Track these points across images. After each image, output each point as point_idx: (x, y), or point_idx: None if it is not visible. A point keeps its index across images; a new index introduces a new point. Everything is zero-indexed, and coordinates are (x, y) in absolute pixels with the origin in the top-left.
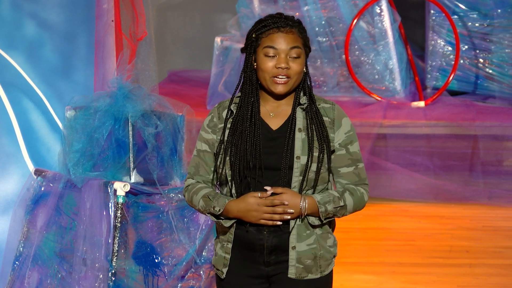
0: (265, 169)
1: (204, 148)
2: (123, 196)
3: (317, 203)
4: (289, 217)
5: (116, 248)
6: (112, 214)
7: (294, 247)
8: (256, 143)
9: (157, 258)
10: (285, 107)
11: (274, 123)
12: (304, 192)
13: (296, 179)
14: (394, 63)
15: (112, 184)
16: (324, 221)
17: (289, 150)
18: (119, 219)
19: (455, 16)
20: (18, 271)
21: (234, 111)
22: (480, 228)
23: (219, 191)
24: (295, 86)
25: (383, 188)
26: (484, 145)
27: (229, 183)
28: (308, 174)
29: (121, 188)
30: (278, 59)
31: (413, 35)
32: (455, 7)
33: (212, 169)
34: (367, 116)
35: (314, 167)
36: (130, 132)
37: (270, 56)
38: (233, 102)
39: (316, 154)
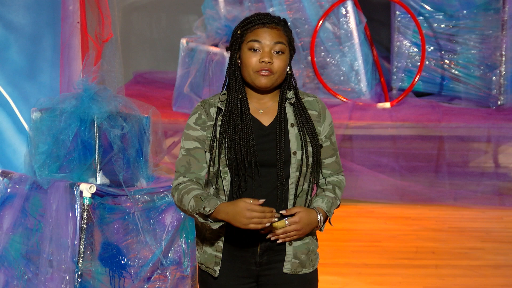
0: (260, 166)
1: (194, 146)
2: (89, 197)
3: (326, 212)
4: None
5: (82, 249)
6: (78, 215)
7: (291, 243)
8: (249, 139)
9: (123, 260)
10: (272, 103)
11: (265, 120)
12: (301, 188)
13: (293, 174)
14: (359, 64)
15: (78, 185)
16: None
17: (283, 146)
18: (85, 221)
19: (421, 17)
20: None
21: (223, 108)
22: (446, 229)
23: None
24: (278, 82)
25: (349, 189)
26: (450, 146)
27: (222, 180)
28: (305, 169)
29: (87, 189)
30: (262, 53)
31: (378, 36)
32: (420, 8)
33: (204, 165)
34: (333, 117)
35: (309, 161)
36: (96, 134)
37: (254, 51)
38: (219, 100)
39: (310, 148)
